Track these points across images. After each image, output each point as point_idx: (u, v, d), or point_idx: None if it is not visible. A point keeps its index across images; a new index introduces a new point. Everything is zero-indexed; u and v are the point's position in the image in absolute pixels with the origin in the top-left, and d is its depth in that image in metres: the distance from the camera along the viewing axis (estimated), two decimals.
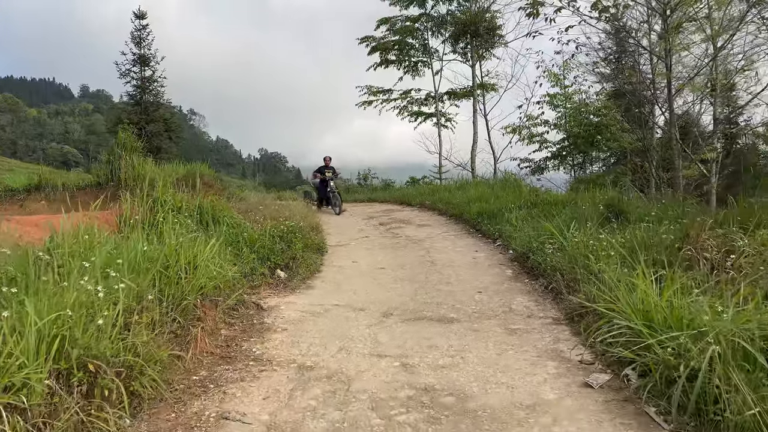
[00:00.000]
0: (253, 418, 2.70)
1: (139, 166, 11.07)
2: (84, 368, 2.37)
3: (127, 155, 11.25)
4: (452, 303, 4.86)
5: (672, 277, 3.43)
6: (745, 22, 10.29)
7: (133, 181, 10.81)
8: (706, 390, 2.45)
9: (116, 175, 11.17)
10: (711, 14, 10.80)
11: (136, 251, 3.65)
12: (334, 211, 12.34)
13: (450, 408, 2.78)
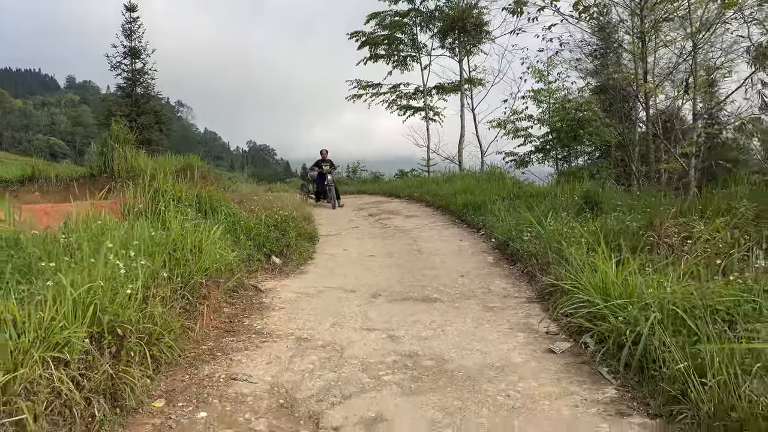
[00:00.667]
0: (258, 378, 3.08)
1: (132, 158, 11.31)
2: (113, 332, 2.73)
3: (120, 147, 11.45)
4: (436, 286, 5.26)
5: (629, 259, 3.87)
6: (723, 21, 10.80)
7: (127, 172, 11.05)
8: (647, 351, 2.87)
9: (109, 166, 11.37)
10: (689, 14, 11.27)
11: (146, 235, 3.99)
12: (331, 205, 12.28)
13: (430, 369, 3.18)
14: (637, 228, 5.24)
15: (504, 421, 2.56)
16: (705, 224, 5.05)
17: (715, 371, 2.38)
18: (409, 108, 21.71)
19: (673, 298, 3.08)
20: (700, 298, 3.09)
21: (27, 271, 2.97)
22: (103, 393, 2.52)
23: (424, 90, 21.23)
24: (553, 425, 2.51)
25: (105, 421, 2.44)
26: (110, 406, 2.53)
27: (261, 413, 2.68)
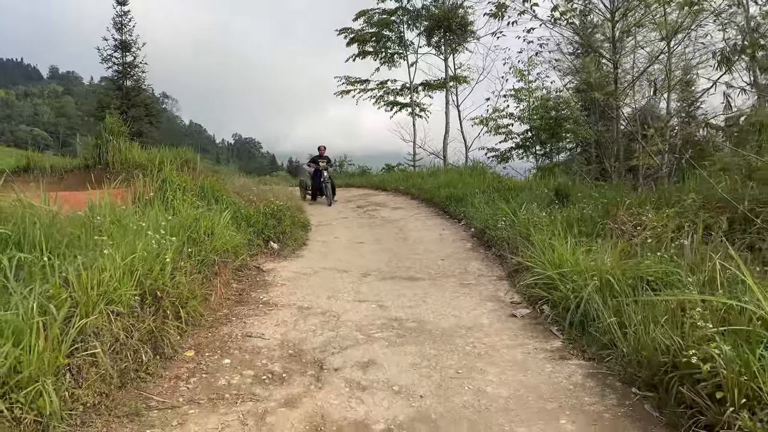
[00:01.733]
0: (270, 336, 3.70)
1: (126, 150, 11.76)
2: (153, 294, 3.32)
3: (114, 139, 11.88)
4: (419, 267, 5.92)
5: (582, 241, 4.57)
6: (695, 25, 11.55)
7: (121, 164, 11.52)
8: (587, 311, 3.56)
9: (104, 158, 11.78)
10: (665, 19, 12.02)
11: (165, 219, 4.56)
12: (326, 202, 11.96)
13: (412, 329, 3.83)
14: (596, 217, 5.94)
15: (469, 363, 3.22)
16: (656, 214, 5.78)
17: (633, 323, 3.06)
18: (396, 104, 22.29)
19: (612, 271, 3.77)
20: (633, 270, 3.79)
21: (75, 245, 3.54)
22: (147, 342, 3.12)
23: (410, 87, 21.82)
24: (507, 365, 3.18)
25: (150, 363, 3.04)
26: (152, 353, 3.13)
27: (275, 360, 3.31)
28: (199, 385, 2.95)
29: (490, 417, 2.60)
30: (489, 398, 2.79)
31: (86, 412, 2.48)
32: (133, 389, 2.81)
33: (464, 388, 2.90)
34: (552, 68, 14.35)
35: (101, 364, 2.66)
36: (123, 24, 22.73)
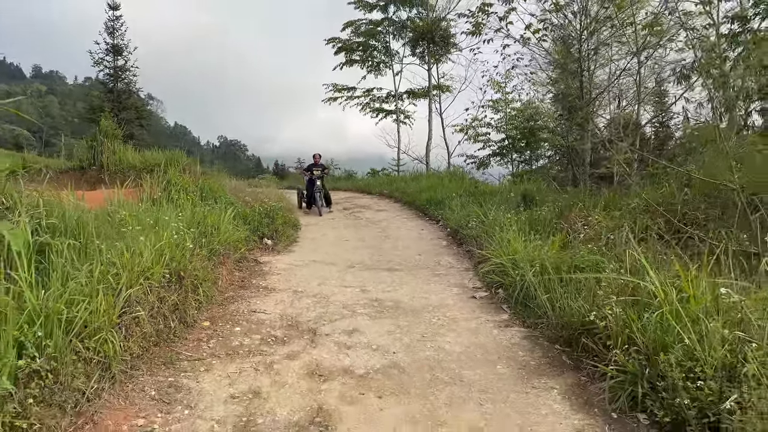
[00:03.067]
0: (271, 311, 4.47)
1: (120, 152, 12.40)
2: (177, 274, 4.07)
3: (108, 142, 12.48)
4: (398, 260, 6.72)
5: (535, 238, 5.42)
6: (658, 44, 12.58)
7: (115, 165, 12.16)
8: (528, 292, 4.39)
9: (98, 159, 12.36)
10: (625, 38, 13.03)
11: (179, 216, 5.29)
12: (317, 213, 11.32)
13: (389, 307, 4.63)
14: (552, 218, 6.82)
15: (433, 330, 4.03)
16: (602, 215, 6.67)
17: (559, 298, 3.90)
18: (381, 111, 23.17)
19: (550, 260, 4.62)
20: (568, 259, 4.64)
21: (108, 235, 4.25)
22: (174, 312, 3.87)
23: (395, 94, 22.72)
24: (463, 332, 4.00)
25: (176, 329, 3.78)
26: (178, 321, 3.88)
27: (276, 328, 4.07)
28: (217, 345, 3.70)
29: (445, 365, 3.41)
30: (446, 353, 3.60)
31: (133, 360, 3.22)
32: (165, 347, 3.56)
33: (427, 347, 3.71)
34: (527, 80, 15.38)
35: (143, 325, 3.40)
36: (115, 28, 23.24)
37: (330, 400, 2.94)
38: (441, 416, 2.76)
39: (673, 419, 2.42)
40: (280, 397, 2.97)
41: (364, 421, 2.72)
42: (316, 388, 3.08)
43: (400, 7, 21.78)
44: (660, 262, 4.07)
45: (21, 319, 2.65)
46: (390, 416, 2.76)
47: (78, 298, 3.00)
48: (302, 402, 2.91)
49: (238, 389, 3.05)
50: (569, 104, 14.62)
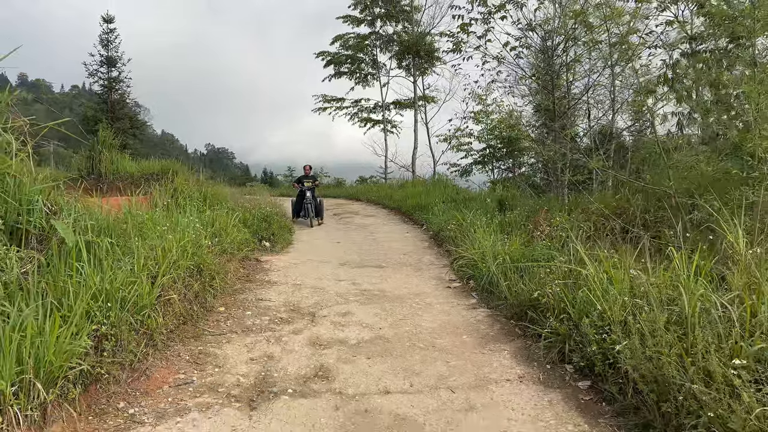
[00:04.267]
0: (275, 300, 5.23)
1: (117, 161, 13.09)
2: (198, 267, 4.83)
3: (106, 151, 13.16)
4: (385, 259, 7.52)
5: (504, 237, 6.26)
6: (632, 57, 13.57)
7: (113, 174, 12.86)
8: (493, 280, 5.22)
9: (96, 168, 13.00)
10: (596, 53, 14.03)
11: (194, 218, 6.05)
12: (308, 224, 11.30)
13: (376, 296, 5.43)
14: (521, 220, 7.68)
15: (412, 312, 4.84)
16: (565, 217, 7.55)
17: (515, 283, 4.73)
18: (369, 120, 24.07)
19: (512, 254, 5.46)
20: (528, 253, 5.48)
21: (134, 234, 4.99)
22: (195, 298, 4.62)
23: (383, 105, 23.64)
24: (437, 313, 4.82)
25: (199, 312, 4.54)
26: (199, 306, 4.63)
27: (281, 312, 4.85)
28: (234, 324, 4.47)
29: (421, 336, 4.21)
30: (422, 328, 4.41)
31: (168, 333, 3.97)
32: (192, 325, 4.31)
33: (407, 324, 4.51)
34: (507, 93, 16.34)
35: (174, 306, 4.16)
36: (109, 41, 23.88)
37: (329, 361, 3.72)
38: (416, 369, 3.56)
39: (587, 364, 3.25)
40: (290, 359, 3.75)
41: (357, 373, 3.51)
42: (318, 353, 3.86)
43: (387, 22, 22.76)
44: (603, 255, 4.93)
45: (87, 296, 3.39)
46: (376, 370, 3.55)
47: (128, 281, 3.76)
48: (307, 362, 3.69)
49: (255, 354, 3.83)
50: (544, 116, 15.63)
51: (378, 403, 3.08)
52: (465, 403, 3.07)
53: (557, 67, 13.02)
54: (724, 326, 2.69)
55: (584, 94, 13.65)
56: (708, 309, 2.90)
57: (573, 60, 13.85)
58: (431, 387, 3.29)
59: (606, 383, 3.04)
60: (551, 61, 12.70)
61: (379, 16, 22.67)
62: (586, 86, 15.56)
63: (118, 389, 3.13)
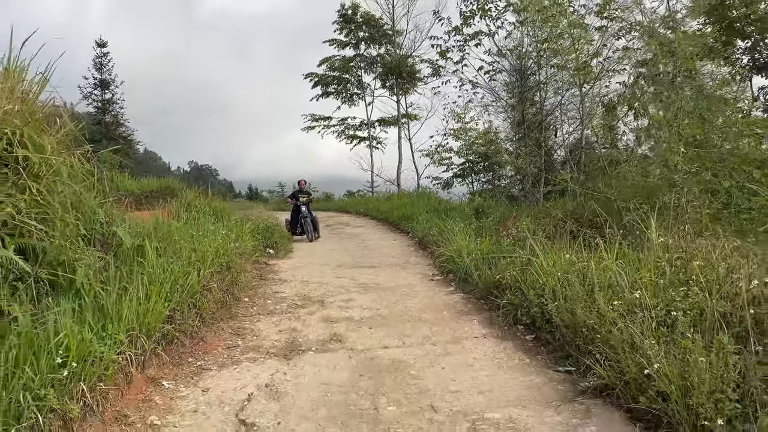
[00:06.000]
0: (288, 292, 6.34)
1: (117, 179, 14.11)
2: (227, 265, 5.92)
3: (107, 170, 14.13)
4: (376, 261, 8.67)
5: (478, 239, 7.48)
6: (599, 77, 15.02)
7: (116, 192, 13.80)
8: (467, 272, 6.40)
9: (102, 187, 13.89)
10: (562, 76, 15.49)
11: (216, 227, 7.13)
12: (307, 238, 11.51)
13: (373, 287, 6.57)
14: (493, 225, 8.92)
15: (402, 298, 5.99)
16: (531, 221, 8.79)
17: (484, 271, 5.92)
18: (355, 137, 25.38)
19: (482, 250, 6.66)
20: (495, 250, 6.69)
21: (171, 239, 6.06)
22: (227, 289, 5.70)
23: (368, 123, 24.96)
24: (422, 297, 5.98)
25: (230, 300, 5.62)
26: (229, 296, 5.71)
27: (296, 300, 5.95)
28: (259, 309, 5.57)
29: (410, 313, 5.36)
30: (411, 308, 5.56)
31: (212, 314, 5.05)
32: (226, 310, 5.39)
33: (399, 306, 5.66)
34: (484, 112, 17.76)
35: (214, 293, 5.25)
36: (102, 64, 24.86)
37: (340, 330, 4.84)
38: (407, 333, 4.70)
39: (531, 321, 4.44)
40: (309, 330, 4.86)
41: (362, 338, 4.63)
42: (330, 326, 4.98)
43: (371, 45, 24.20)
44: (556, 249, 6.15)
45: (167, 282, 4.46)
46: (377, 335, 4.69)
47: (184, 272, 4.84)
48: (323, 332, 4.81)
49: (282, 328, 4.93)
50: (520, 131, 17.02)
51: (380, 353, 4.22)
52: (443, 351, 4.22)
53: (530, 85, 14.43)
54: (618, 286, 3.90)
55: (554, 110, 15.07)
56: (611, 277, 4.11)
57: (543, 81, 15.31)
58: (418, 343, 4.44)
59: (543, 333, 4.22)
60: (524, 81, 14.11)
61: (363, 40, 24.12)
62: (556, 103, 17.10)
63: (185, 350, 4.22)
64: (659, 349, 2.93)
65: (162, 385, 3.55)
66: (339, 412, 3.20)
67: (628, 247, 5.21)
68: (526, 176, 16.91)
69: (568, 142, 20.22)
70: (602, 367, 3.22)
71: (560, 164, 16.93)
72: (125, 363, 3.43)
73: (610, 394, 3.18)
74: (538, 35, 14.38)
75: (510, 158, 18.20)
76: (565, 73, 15.39)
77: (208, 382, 3.67)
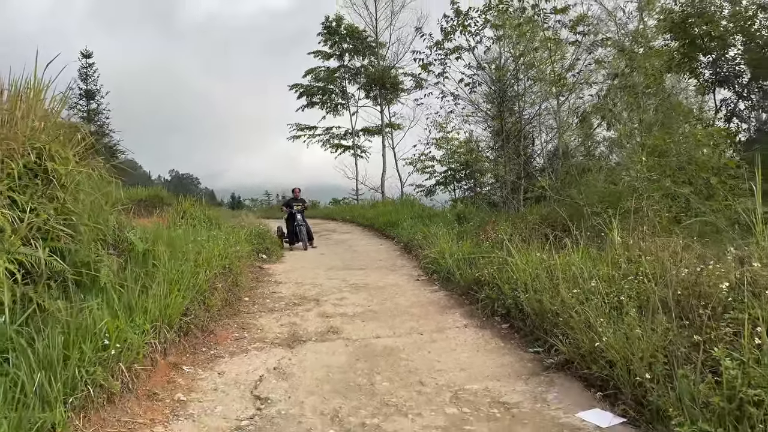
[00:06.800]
0: (285, 292, 6.83)
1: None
2: (229, 267, 6.39)
3: None
4: (365, 263, 9.21)
5: (460, 243, 8.07)
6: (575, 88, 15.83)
7: None
8: (450, 272, 6.98)
9: None
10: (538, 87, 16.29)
11: (220, 232, 7.59)
12: (302, 247, 11.52)
13: (363, 287, 7.10)
14: (474, 229, 9.54)
15: (392, 296, 6.53)
16: (509, 225, 9.43)
17: (464, 270, 6.50)
18: (340, 146, 25.93)
19: (463, 252, 7.25)
20: (476, 251, 7.28)
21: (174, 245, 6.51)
22: (230, 289, 6.17)
23: (352, 132, 25.55)
24: (410, 295, 6.54)
25: (232, 299, 6.09)
26: (231, 295, 6.18)
27: (292, 300, 6.45)
28: (260, 307, 6.05)
29: (399, 308, 5.90)
30: (399, 304, 6.11)
31: (218, 311, 5.52)
32: (228, 308, 5.86)
33: (388, 302, 6.20)
34: (464, 122, 18.50)
35: (219, 292, 5.72)
36: (88, 75, 25.06)
37: (336, 323, 5.36)
38: (396, 325, 5.24)
39: (507, 312, 5.02)
40: (307, 324, 5.37)
41: (356, 329, 5.16)
42: (327, 320, 5.49)
43: (354, 57, 24.86)
44: (530, 250, 6.77)
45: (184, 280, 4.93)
46: (370, 327, 5.22)
47: (193, 272, 5.31)
48: (321, 325, 5.32)
49: (283, 322, 5.43)
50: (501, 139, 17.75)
51: (373, 341, 4.75)
52: (429, 339, 4.78)
53: (509, 96, 15.18)
54: (579, 278, 4.51)
55: (533, 119, 15.84)
56: (574, 271, 4.72)
57: (521, 93, 16.09)
58: (407, 332, 4.99)
59: (516, 321, 4.81)
60: (504, 93, 14.85)
61: (348, 51, 24.77)
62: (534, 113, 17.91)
63: (198, 341, 4.69)
64: (609, 327, 3.53)
65: (182, 370, 4.02)
66: (340, 387, 3.72)
67: (593, 246, 5.83)
68: (506, 183, 17.69)
69: (546, 151, 21.11)
70: (564, 344, 3.81)
71: (539, 172, 17.75)
72: (151, 350, 3.90)
73: (570, 367, 3.77)
74: (514, 50, 15.14)
75: (490, 166, 19.02)
76: (542, 85, 16.25)
77: (223, 367, 4.16)
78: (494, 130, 19.16)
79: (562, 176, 11.04)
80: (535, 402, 3.40)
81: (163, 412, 3.34)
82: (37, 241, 3.91)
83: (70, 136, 5.10)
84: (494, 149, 19.43)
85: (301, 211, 11.85)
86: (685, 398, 2.66)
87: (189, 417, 3.30)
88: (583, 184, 8.58)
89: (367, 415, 3.26)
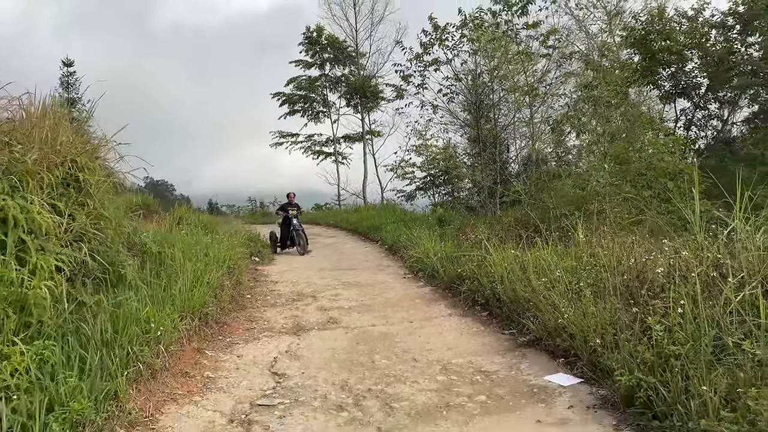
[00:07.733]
0: (283, 290, 7.42)
1: None
2: (233, 268, 6.95)
3: None
4: (353, 264, 9.84)
5: (442, 243, 8.78)
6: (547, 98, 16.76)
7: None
8: (434, 269, 7.67)
9: None
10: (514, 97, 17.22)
11: (222, 236, 8.12)
12: (298, 252, 11.67)
13: (354, 285, 7.73)
14: (454, 231, 10.28)
15: (381, 292, 7.19)
16: (486, 228, 10.20)
17: (447, 267, 7.20)
18: (322, 153, 26.48)
19: (446, 252, 7.95)
20: (457, 251, 8.00)
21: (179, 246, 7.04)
22: (234, 287, 6.73)
23: (334, 139, 26.17)
24: (398, 290, 7.21)
25: (237, 294, 6.65)
26: (236, 290, 6.74)
27: (291, 296, 7.04)
28: (263, 303, 6.63)
29: (390, 302, 6.56)
30: (389, 298, 6.77)
31: (227, 306, 6.08)
32: (234, 303, 6.42)
33: (379, 297, 6.85)
34: (442, 130, 19.34)
35: (226, 290, 6.28)
36: (69, 83, 25.07)
37: (334, 315, 5.98)
38: (388, 315, 5.90)
39: (485, 302, 5.74)
40: (309, 316, 5.98)
41: (353, 320, 5.79)
42: (326, 313, 6.11)
43: (335, 66, 25.52)
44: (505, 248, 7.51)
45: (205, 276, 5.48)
46: (365, 318, 5.86)
47: (206, 271, 5.87)
48: (320, 317, 5.94)
49: (286, 315, 6.03)
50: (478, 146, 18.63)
51: (369, 329, 5.40)
52: (419, 326, 5.45)
53: (485, 105, 16.06)
54: (546, 270, 5.25)
55: (507, 127, 16.76)
56: (543, 264, 5.47)
57: (496, 102, 16.99)
58: (399, 321, 5.66)
59: (494, 309, 5.53)
60: (480, 103, 15.71)
61: (328, 60, 25.41)
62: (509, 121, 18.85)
63: (213, 331, 5.26)
64: (570, 307, 4.26)
65: (206, 354, 4.60)
66: (346, 364, 4.36)
67: (560, 244, 6.60)
68: (483, 188, 18.56)
69: (521, 157, 22.02)
70: (534, 324, 4.54)
71: (514, 177, 18.70)
72: (180, 336, 4.47)
73: (539, 344, 4.50)
74: (489, 62, 16.02)
75: (468, 172, 19.90)
76: (516, 95, 17.19)
77: (240, 351, 4.75)
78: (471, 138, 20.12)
79: (535, 181, 11.86)
80: (510, 370, 4.11)
81: (196, 386, 3.92)
82: (80, 243, 4.44)
83: (95, 148, 5.63)
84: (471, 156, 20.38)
85: (296, 215, 12.04)
86: (626, 357, 3.39)
87: (219, 389, 3.89)
88: (553, 189, 9.41)
89: (372, 384, 3.91)
